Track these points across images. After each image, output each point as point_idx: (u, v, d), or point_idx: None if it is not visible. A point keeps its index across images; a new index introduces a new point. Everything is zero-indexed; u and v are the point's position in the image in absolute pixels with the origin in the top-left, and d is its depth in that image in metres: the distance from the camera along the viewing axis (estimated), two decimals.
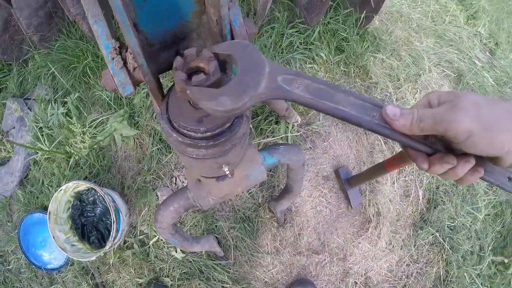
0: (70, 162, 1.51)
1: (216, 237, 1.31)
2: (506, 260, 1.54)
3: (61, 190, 1.31)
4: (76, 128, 1.43)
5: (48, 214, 1.32)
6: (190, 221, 1.34)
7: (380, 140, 1.59)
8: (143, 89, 1.49)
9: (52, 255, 1.52)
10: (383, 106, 0.43)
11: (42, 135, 1.57)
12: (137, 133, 1.39)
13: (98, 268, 1.46)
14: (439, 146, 0.43)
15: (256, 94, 0.41)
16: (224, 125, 0.51)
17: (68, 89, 1.59)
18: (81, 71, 1.61)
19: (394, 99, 1.71)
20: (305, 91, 0.44)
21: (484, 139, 0.36)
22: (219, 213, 1.35)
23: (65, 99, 1.54)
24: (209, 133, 0.50)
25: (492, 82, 1.95)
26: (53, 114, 1.50)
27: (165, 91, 0.58)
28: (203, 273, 1.31)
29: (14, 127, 1.78)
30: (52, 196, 1.49)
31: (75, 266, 1.47)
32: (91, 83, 1.58)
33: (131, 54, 0.51)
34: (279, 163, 0.88)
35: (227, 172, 0.62)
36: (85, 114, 1.53)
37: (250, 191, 1.37)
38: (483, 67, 1.98)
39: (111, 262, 1.39)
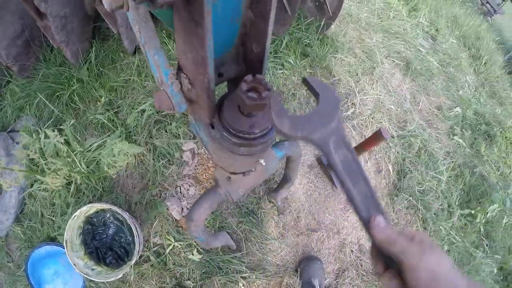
0: (71, 189, 1.60)
1: (227, 232, 1.48)
2: (472, 212, 1.88)
3: (74, 216, 1.39)
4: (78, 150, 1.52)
5: (64, 242, 1.38)
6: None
7: (350, 128, 1.87)
8: (135, 109, 1.63)
9: (66, 286, 1.56)
10: (379, 211, 0.51)
11: (37, 165, 1.63)
12: (143, 150, 1.53)
13: None
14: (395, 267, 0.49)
15: (308, 137, 0.50)
16: (268, 127, 0.71)
17: (59, 116, 1.66)
18: (68, 98, 1.70)
19: (356, 92, 2.00)
20: (341, 161, 0.52)
21: None
22: (226, 211, 1.53)
23: (59, 127, 1.62)
24: (259, 134, 0.69)
25: (437, 65, 2.33)
26: (49, 143, 1.57)
27: None
28: (221, 269, 1.47)
29: None
30: (56, 225, 1.56)
31: None
32: (81, 108, 1.68)
33: (186, 78, 0.69)
34: (285, 156, 1.10)
35: (264, 164, 0.82)
36: (80, 140, 1.63)
37: None
38: (427, 52, 2.37)
39: (131, 279, 1.48)
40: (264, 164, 0.84)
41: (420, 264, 0.44)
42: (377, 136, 1.36)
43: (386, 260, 0.49)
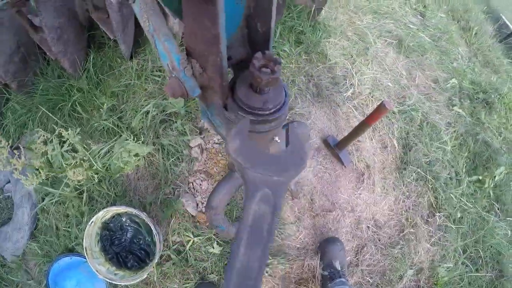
0: (84, 198, 1.60)
1: None
2: (480, 177, 1.92)
3: (91, 223, 1.39)
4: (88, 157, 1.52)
5: (84, 250, 1.38)
6: None
7: (351, 108, 1.90)
8: (139, 112, 1.64)
9: None
10: None
11: (48, 179, 1.63)
12: (152, 149, 1.53)
13: None
14: None
15: (245, 166, 0.48)
16: (281, 102, 0.72)
17: (63, 126, 1.67)
18: (70, 109, 1.71)
19: (354, 73, 2.03)
20: (254, 215, 0.47)
21: None
22: (242, 201, 1.54)
23: (62, 139, 1.61)
24: (273, 109, 0.70)
25: (429, 40, 2.37)
26: (55, 154, 1.57)
27: None
28: None
29: (8, 181, 1.80)
30: (73, 236, 1.55)
31: None
32: (84, 117, 1.69)
33: (196, 63, 0.70)
34: None
35: (279, 141, 0.84)
36: (87, 148, 1.63)
37: None
38: (418, 29, 2.41)
39: (154, 279, 1.48)
40: (279, 141, 0.85)
41: None
42: (381, 109, 1.39)
43: None
